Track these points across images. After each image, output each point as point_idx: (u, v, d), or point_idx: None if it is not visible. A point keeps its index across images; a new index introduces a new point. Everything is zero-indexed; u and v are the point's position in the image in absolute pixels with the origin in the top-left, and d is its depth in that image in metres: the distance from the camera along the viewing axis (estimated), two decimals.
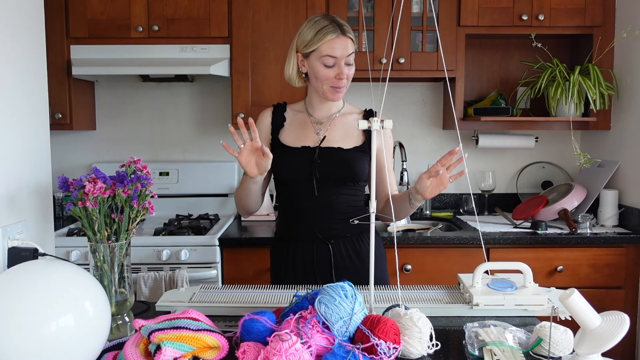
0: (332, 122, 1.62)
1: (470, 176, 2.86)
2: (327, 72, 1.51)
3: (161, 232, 2.33)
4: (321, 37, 1.48)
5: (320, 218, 1.57)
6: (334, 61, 1.49)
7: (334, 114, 1.64)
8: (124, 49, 2.46)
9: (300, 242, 1.58)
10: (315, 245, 1.57)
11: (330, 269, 1.56)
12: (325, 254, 1.56)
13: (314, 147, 1.57)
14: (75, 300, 0.90)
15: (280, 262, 1.63)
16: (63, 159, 2.84)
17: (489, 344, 1.01)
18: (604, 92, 2.45)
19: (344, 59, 1.50)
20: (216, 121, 2.88)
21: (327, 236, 1.57)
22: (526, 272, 1.27)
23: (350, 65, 1.53)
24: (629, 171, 2.48)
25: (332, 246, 1.56)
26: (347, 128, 1.62)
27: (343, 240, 1.58)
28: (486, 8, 2.51)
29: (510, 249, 2.28)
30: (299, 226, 1.59)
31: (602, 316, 0.96)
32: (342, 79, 1.51)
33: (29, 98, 1.29)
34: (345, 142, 1.59)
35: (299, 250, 1.58)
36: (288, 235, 1.62)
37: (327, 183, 1.55)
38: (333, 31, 1.48)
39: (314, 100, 1.63)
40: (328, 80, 1.52)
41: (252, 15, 2.49)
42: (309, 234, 1.57)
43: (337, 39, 1.48)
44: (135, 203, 1.11)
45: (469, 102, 2.80)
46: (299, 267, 1.58)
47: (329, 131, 1.60)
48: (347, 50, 1.50)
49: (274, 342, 0.90)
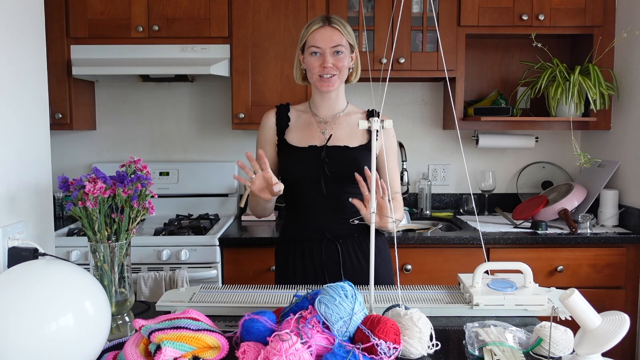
0: (337, 122, 1.64)
1: (470, 176, 2.87)
2: (312, 61, 1.56)
3: (161, 232, 2.33)
4: (308, 30, 1.56)
5: (328, 217, 1.58)
6: (319, 50, 1.54)
7: (338, 113, 1.66)
8: (124, 49, 2.46)
9: (309, 242, 1.59)
10: (323, 245, 1.57)
11: (339, 269, 1.56)
12: (334, 254, 1.57)
13: (321, 146, 1.59)
14: (75, 300, 0.90)
15: (287, 262, 1.63)
16: (63, 159, 2.84)
17: (489, 344, 1.01)
18: (604, 92, 2.45)
19: (330, 49, 1.54)
20: (216, 121, 2.88)
21: (335, 236, 1.57)
22: (526, 272, 1.27)
23: (340, 54, 1.55)
24: (629, 171, 2.48)
25: (341, 245, 1.57)
26: (352, 127, 1.64)
27: (351, 239, 1.58)
28: (486, 8, 2.51)
29: (511, 249, 2.28)
30: (307, 226, 1.60)
31: (602, 316, 0.96)
32: (326, 67, 1.54)
33: (29, 98, 1.29)
34: (351, 140, 1.61)
35: (307, 250, 1.59)
36: (296, 235, 1.63)
37: (335, 182, 1.57)
38: (318, 22, 1.55)
39: (316, 99, 1.66)
40: (315, 70, 1.56)
41: (252, 15, 2.49)
42: (317, 234, 1.58)
43: (320, 29, 1.54)
44: (136, 203, 1.11)
45: (469, 102, 2.80)
46: (308, 267, 1.58)
47: (335, 130, 1.62)
48: (332, 40, 1.54)
49: (274, 342, 0.90)
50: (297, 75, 1.67)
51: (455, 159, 2.90)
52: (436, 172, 2.90)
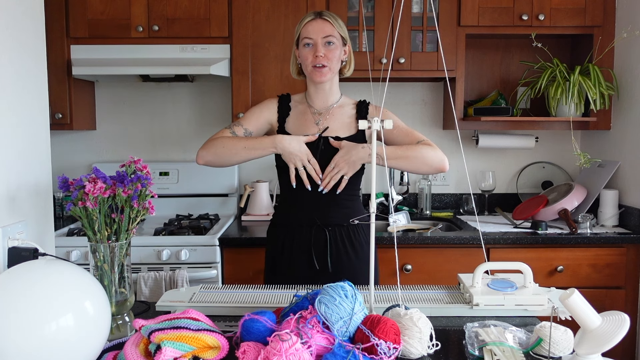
0: (331, 113, 1.72)
1: (470, 176, 2.87)
2: (306, 52, 1.64)
3: (161, 232, 2.33)
4: (301, 24, 1.65)
5: (320, 206, 1.65)
6: (311, 42, 1.63)
7: (332, 104, 1.73)
8: (124, 49, 2.46)
9: (299, 227, 1.67)
10: (313, 231, 1.66)
11: (327, 254, 1.65)
12: (322, 239, 1.66)
13: (318, 134, 1.66)
14: (75, 300, 0.90)
15: (277, 244, 1.71)
16: (63, 159, 2.84)
17: (489, 344, 1.01)
18: (604, 92, 2.45)
19: (321, 39, 1.62)
20: (216, 121, 2.88)
21: (325, 223, 1.66)
22: (526, 272, 1.27)
23: (331, 44, 1.63)
24: (629, 171, 2.48)
25: (329, 232, 1.65)
26: (344, 118, 1.72)
27: (339, 228, 1.67)
28: (486, 8, 2.51)
29: (511, 249, 2.28)
30: (299, 213, 1.68)
31: (602, 316, 0.96)
32: (318, 57, 1.62)
33: (29, 98, 1.29)
34: (343, 131, 1.69)
35: (297, 234, 1.67)
36: (287, 219, 1.71)
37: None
38: (310, 16, 1.64)
39: (311, 91, 1.74)
40: (308, 60, 1.64)
41: (252, 15, 2.49)
42: (308, 221, 1.66)
43: (312, 21, 1.63)
44: (136, 203, 1.11)
45: (469, 102, 2.80)
46: (295, 250, 1.67)
47: (328, 121, 1.71)
48: (323, 31, 1.62)
49: (274, 342, 0.89)
50: (293, 70, 1.76)
51: (455, 159, 2.90)
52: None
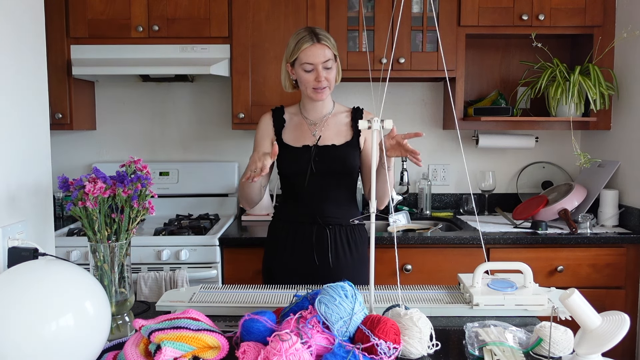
0: (326, 122, 1.79)
1: (470, 176, 2.87)
2: (307, 76, 1.69)
3: (161, 232, 2.33)
4: (299, 47, 1.67)
5: (320, 208, 1.73)
6: (312, 67, 1.67)
7: (326, 115, 1.80)
8: (124, 49, 2.46)
9: (301, 224, 1.75)
10: (315, 229, 1.73)
11: (328, 250, 1.72)
12: (323, 237, 1.73)
13: (312, 145, 1.74)
14: (75, 300, 0.90)
15: (278, 239, 1.79)
16: (63, 159, 2.84)
17: (489, 344, 1.01)
18: (604, 92, 2.45)
19: (321, 64, 1.67)
20: (216, 121, 2.88)
21: (325, 222, 1.73)
22: (526, 272, 1.27)
23: (329, 69, 1.69)
24: (629, 171, 2.48)
25: (330, 231, 1.73)
26: (339, 126, 1.79)
27: (339, 227, 1.75)
28: (486, 8, 2.51)
29: (511, 249, 2.28)
30: (301, 210, 1.75)
31: (602, 316, 0.96)
32: (321, 81, 1.68)
33: (29, 98, 1.29)
34: (338, 139, 1.76)
35: (299, 230, 1.75)
36: (290, 217, 1.78)
37: (326, 176, 1.73)
38: (308, 40, 1.66)
39: (306, 103, 1.80)
40: (309, 84, 1.70)
41: (252, 15, 2.49)
42: (310, 218, 1.74)
43: (312, 47, 1.66)
44: (136, 203, 1.11)
45: (469, 102, 2.80)
46: (297, 245, 1.74)
47: (323, 131, 1.77)
48: (323, 57, 1.67)
49: (274, 342, 0.90)
50: (286, 85, 1.80)
51: (455, 159, 2.90)
52: (436, 172, 2.90)
